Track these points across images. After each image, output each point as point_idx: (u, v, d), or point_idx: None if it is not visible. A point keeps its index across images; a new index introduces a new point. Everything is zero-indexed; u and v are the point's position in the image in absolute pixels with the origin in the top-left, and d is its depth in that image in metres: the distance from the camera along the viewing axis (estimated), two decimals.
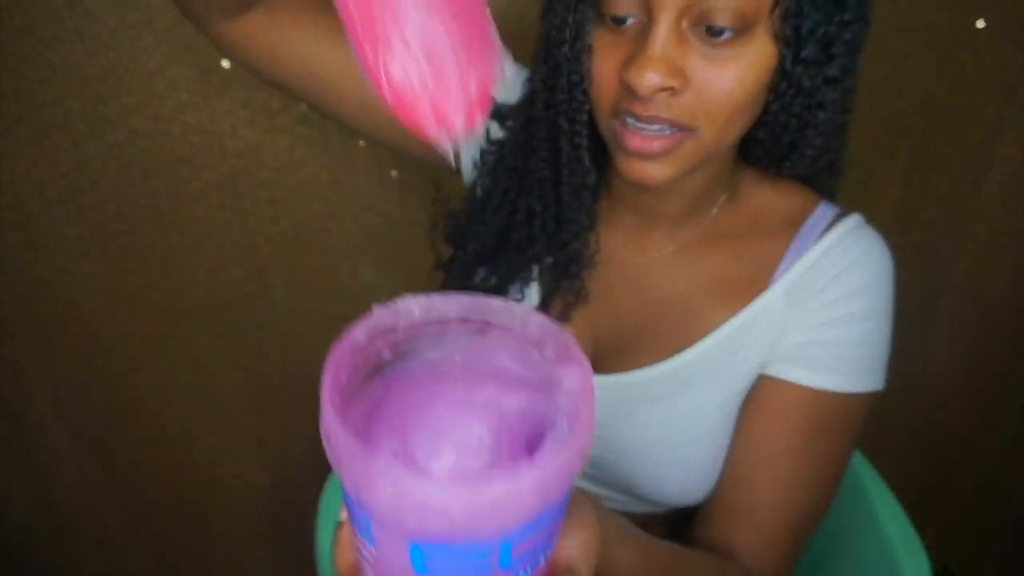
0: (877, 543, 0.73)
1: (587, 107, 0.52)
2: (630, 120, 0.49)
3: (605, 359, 0.63)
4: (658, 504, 0.63)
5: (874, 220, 1.01)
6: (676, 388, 0.59)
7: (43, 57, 0.80)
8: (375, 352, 0.36)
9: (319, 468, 1.19)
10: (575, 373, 0.31)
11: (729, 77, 0.46)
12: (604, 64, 0.49)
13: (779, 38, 0.46)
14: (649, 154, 0.49)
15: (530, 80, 0.58)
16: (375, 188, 0.92)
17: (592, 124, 0.54)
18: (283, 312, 1.00)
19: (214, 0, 0.57)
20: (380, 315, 0.35)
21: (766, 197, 0.61)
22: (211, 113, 0.84)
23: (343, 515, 0.37)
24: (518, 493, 0.27)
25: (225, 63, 0.82)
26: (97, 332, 0.99)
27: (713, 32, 0.45)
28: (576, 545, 0.36)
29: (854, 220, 0.60)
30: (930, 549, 0.72)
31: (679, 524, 0.68)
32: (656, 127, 0.48)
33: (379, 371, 0.36)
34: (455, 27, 0.33)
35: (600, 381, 0.60)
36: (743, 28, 0.45)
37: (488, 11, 0.37)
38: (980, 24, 0.83)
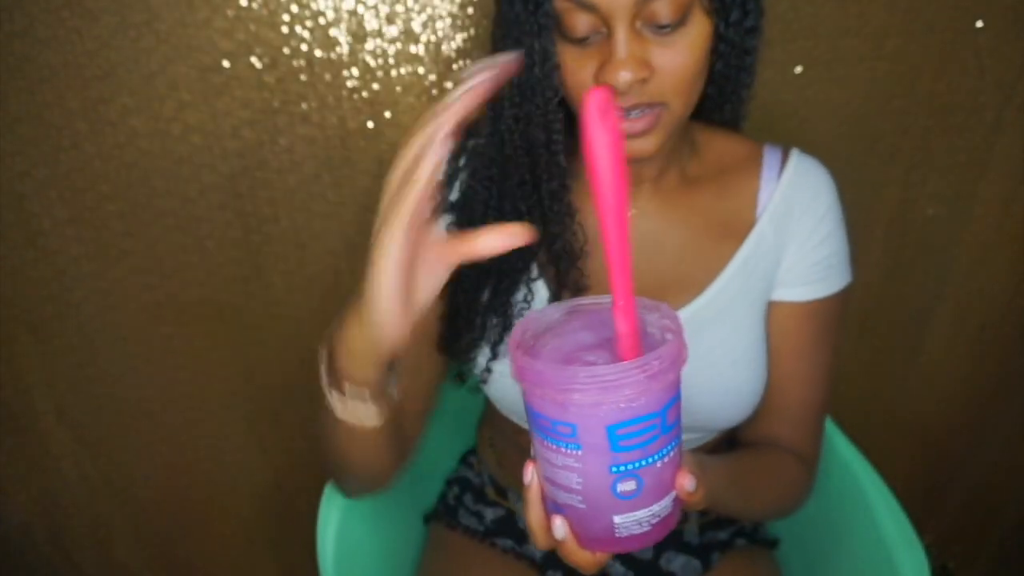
0: (876, 543, 0.73)
1: (560, 116, 0.60)
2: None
3: None
4: (709, 430, 0.72)
5: (874, 220, 1.02)
6: (710, 321, 0.67)
7: (43, 57, 0.80)
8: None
9: (319, 468, 1.19)
10: (662, 310, 0.49)
11: (684, 55, 0.55)
12: (580, 74, 0.56)
13: (711, 12, 0.56)
14: (636, 133, 0.57)
15: (491, 104, 0.62)
16: (375, 188, 0.92)
17: (563, 124, 0.62)
18: (283, 312, 1.01)
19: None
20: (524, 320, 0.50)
21: (719, 145, 0.71)
22: (211, 113, 0.84)
23: (527, 476, 0.49)
24: (664, 367, 0.43)
25: (225, 63, 0.82)
26: (98, 332, 0.99)
27: (661, 27, 0.54)
28: (691, 461, 0.52)
29: (797, 153, 0.71)
30: (930, 549, 0.72)
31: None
32: (636, 112, 0.56)
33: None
34: None
35: None
36: (683, 18, 0.54)
37: None
38: (980, 24, 0.84)
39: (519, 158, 0.63)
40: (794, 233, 0.68)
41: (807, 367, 0.71)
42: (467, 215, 0.67)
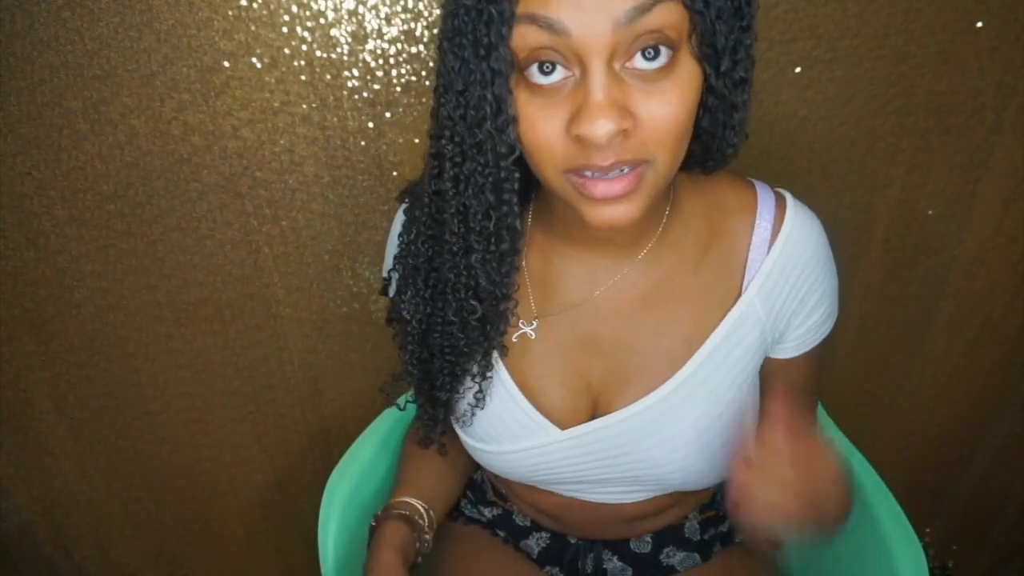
0: (876, 542, 0.73)
1: (517, 174, 0.52)
2: (588, 172, 0.49)
3: (611, 391, 0.65)
4: (692, 489, 0.70)
5: (874, 220, 1.02)
6: (686, 398, 0.63)
7: (44, 57, 0.80)
8: None
9: (319, 468, 1.19)
10: None
11: (672, 104, 0.47)
12: (547, 127, 0.48)
13: (700, 58, 0.48)
14: (616, 196, 0.49)
15: (434, 157, 0.57)
16: (375, 188, 0.92)
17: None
18: (283, 312, 1.01)
19: None
20: None
21: (706, 198, 0.65)
22: (211, 113, 0.85)
23: None
24: None
25: (226, 63, 0.82)
26: (97, 332, 0.99)
27: (647, 57, 0.46)
28: None
29: (793, 205, 0.64)
30: (929, 548, 0.72)
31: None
32: (615, 172, 0.48)
33: None
34: None
35: (620, 415, 0.64)
36: (670, 47, 0.46)
37: None
38: (980, 24, 0.84)
39: (456, 224, 0.57)
40: (785, 306, 0.64)
41: (800, 390, 0.71)
42: (404, 275, 0.66)
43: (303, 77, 0.83)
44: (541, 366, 0.66)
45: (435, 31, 0.83)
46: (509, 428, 0.67)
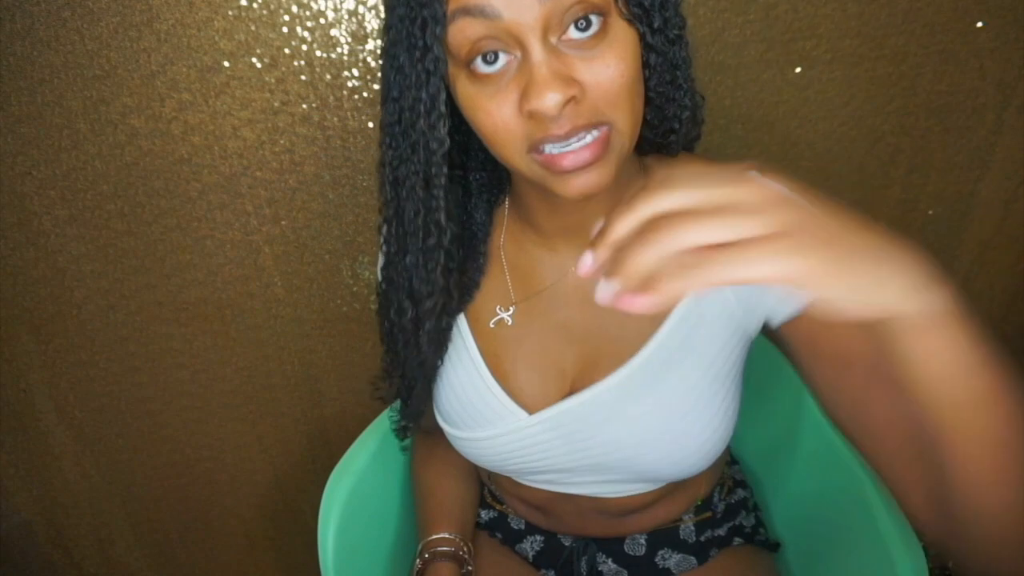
0: (876, 543, 0.73)
1: (445, 171, 0.55)
2: (551, 146, 0.50)
3: (583, 375, 0.66)
4: (661, 480, 0.68)
5: (874, 220, 1.01)
6: (655, 374, 0.63)
7: (44, 57, 0.80)
8: None
9: (319, 467, 1.19)
10: None
11: (612, 65, 0.49)
12: (501, 112, 0.50)
13: (631, 19, 0.50)
14: (585, 165, 0.50)
15: (381, 165, 0.59)
16: (375, 188, 0.92)
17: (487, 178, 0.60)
18: (283, 312, 1.01)
19: None
20: None
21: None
22: (211, 113, 0.85)
23: None
24: None
25: (226, 63, 0.82)
26: (97, 332, 0.99)
27: (579, 28, 0.48)
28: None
29: None
30: (929, 549, 0.72)
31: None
32: (576, 139, 0.50)
33: None
34: None
35: (584, 396, 0.64)
36: (600, 14, 0.48)
37: None
38: (980, 24, 0.84)
39: (395, 226, 0.60)
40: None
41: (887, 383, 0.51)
42: (388, 279, 0.67)
43: (303, 77, 0.83)
44: (515, 351, 0.67)
45: None
46: (481, 413, 0.67)
